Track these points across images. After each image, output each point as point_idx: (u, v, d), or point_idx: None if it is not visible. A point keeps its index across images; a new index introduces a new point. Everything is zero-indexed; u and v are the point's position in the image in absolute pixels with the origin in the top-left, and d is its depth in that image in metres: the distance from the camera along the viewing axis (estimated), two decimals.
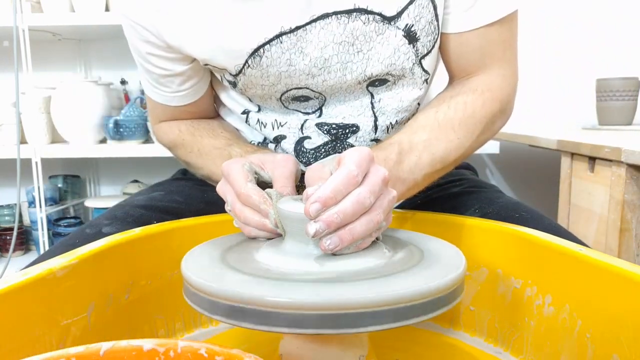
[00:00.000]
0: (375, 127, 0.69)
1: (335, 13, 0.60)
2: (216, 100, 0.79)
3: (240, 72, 0.65)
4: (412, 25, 0.62)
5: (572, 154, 1.17)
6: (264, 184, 0.54)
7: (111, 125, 1.70)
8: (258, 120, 0.72)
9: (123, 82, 2.00)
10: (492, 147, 1.59)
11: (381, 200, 0.44)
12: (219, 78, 0.70)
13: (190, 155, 0.74)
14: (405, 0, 0.61)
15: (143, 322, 0.57)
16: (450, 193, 0.73)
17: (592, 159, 1.08)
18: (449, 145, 0.62)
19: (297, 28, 0.61)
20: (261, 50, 0.62)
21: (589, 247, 0.50)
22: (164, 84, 0.71)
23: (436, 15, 0.63)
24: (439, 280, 0.40)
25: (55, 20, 1.66)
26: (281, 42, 0.62)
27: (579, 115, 1.82)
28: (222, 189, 0.54)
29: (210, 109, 0.79)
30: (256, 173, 0.54)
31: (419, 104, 0.71)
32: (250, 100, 0.71)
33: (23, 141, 1.75)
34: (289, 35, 0.61)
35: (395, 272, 0.42)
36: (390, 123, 0.70)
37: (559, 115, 1.88)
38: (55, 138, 1.82)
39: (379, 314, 0.37)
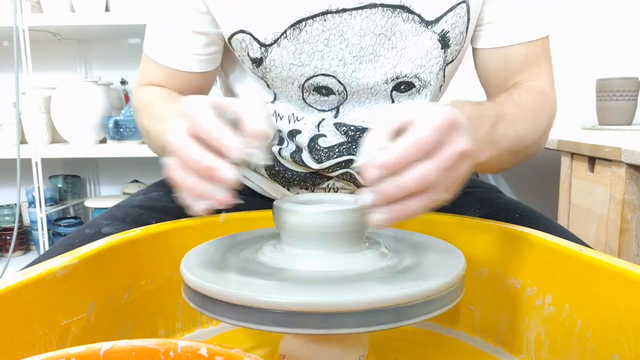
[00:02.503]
0: None
1: (382, 5, 0.61)
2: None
3: (275, 42, 0.63)
4: (448, 32, 0.64)
5: (572, 154, 1.17)
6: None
7: (111, 125, 1.70)
8: (275, 111, 0.71)
9: (123, 82, 2.00)
10: None
11: (451, 175, 0.39)
12: (240, 58, 0.68)
13: (151, 121, 0.65)
14: (445, 8, 0.63)
15: (143, 322, 0.57)
16: None
17: (592, 159, 1.08)
18: (526, 127, 0.62)
19: (344, 10, 0.61)
20: (303, 23, 0.62)
21: (589, 246, 0.50)
22: (188, 41, 0.67)
23: (467, 29, 0.65)
24: (438, 281, 0.40)
25: (55, 21, 1.66)
26: (325, 20, 0.62)
27: (579, 115, 1.82)
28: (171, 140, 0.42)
29: (209, 92, 0.76)
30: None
31: None
32: (268, 86, 0.69)
33: (23, 141, 1.75)
34: (333, 15, 0.61)
35: (396, 272, 0.42)
36: None
37: (559, 115, 1.87)
38: (55, 138, 1.82)
39: (378, 314, 0.37)
